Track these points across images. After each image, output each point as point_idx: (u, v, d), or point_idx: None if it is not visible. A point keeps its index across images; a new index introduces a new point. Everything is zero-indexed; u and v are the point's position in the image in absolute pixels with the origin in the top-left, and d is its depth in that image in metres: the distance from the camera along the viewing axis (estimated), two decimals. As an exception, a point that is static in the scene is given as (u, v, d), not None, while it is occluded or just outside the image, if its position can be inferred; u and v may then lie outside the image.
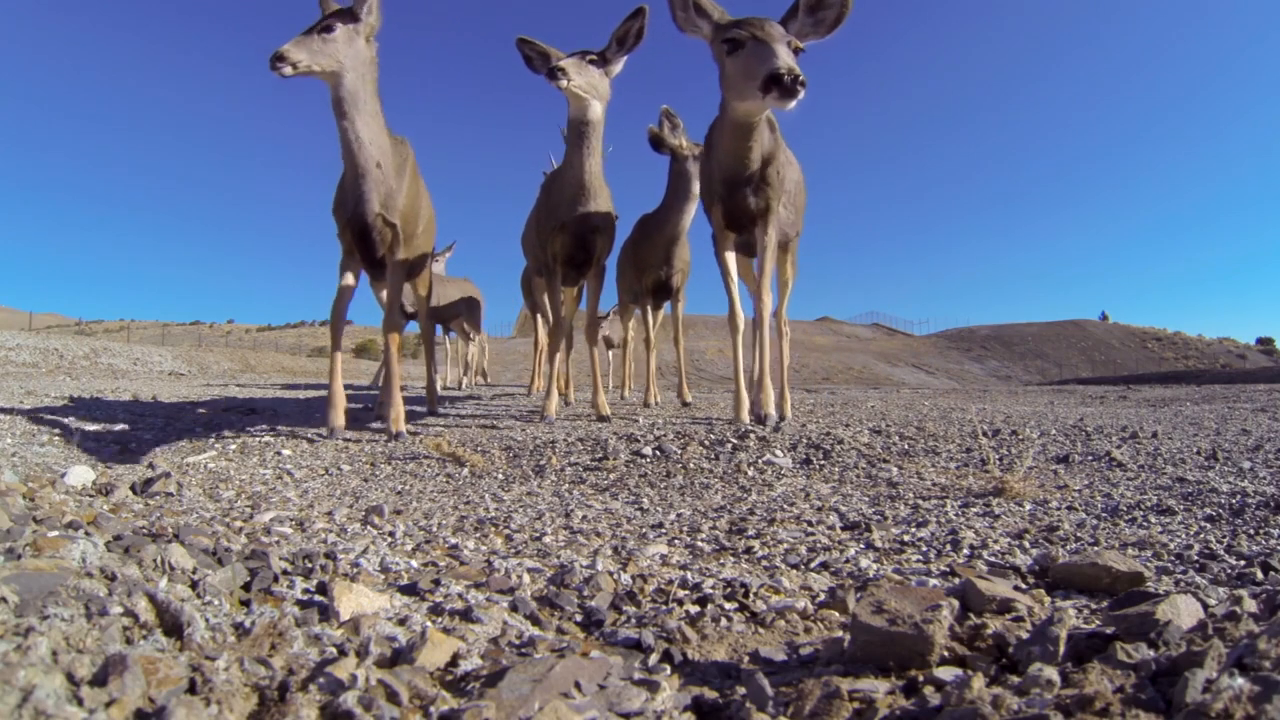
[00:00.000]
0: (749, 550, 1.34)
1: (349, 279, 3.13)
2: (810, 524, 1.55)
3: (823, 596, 1.03)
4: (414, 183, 3.11)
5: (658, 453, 2.52)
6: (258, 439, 3.06)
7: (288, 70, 2.48)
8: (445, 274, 8.03)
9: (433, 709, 0.64)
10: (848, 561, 1.24)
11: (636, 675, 0.75)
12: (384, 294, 4.18)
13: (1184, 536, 1.34)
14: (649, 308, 5.03)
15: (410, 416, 4.04)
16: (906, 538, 1.40)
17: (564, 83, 3.22)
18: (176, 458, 2.54)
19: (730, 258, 3.36)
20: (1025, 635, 0.75)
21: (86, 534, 1.00)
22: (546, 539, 1.46)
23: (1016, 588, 0.99)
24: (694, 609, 0.98)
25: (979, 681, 0.62)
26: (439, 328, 7.95)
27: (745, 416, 3.16)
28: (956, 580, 1.07)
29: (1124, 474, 2.07)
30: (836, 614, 0.96)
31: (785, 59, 2.47)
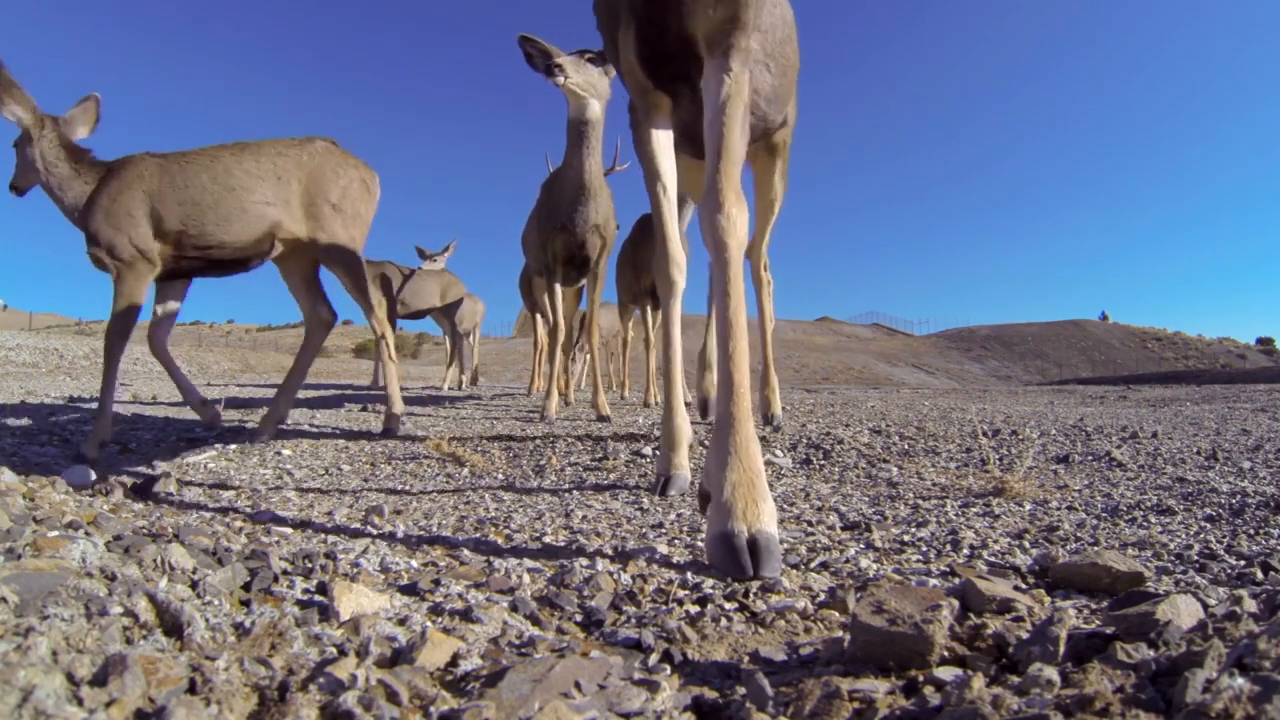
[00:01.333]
0: (749, 550, 1.33)
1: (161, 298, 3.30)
2: (810, 524, 1.55)
3: (823, 596, 1.03)
4: (174, 188, 2.97)
5: (658, 453, 2.52)
6: (258, 439, 3.05)
7: (16, 194, 3.02)
8: (443, 270, 7.95)
9: (433, 709, 0.64)
10: (848, 561, 1.24)
11: (636, 675, 0.75)
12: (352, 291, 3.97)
13: (1184, 536, 1.34)
14: (648, 308, 5.03)
15: (410, 417, 4.04)
16: (906, 538, 1.40)
17: (562, 80, 3.22)
18: (176, 457, 2.53)
19: (659, 143, 1.84)
20: (1025, 635, 0.75)
21: (86, 534, 1.00)
22: (546, 539, 1.46)
23: (1016, 588, 0.99)
24: (694, 609, 0.98)
25: (979, 681, 0.62)
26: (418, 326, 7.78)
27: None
28: (956, 580, 1.07)
29: (1124, 474, 2.07)
30: (836, 614, 0.96)
31: None
